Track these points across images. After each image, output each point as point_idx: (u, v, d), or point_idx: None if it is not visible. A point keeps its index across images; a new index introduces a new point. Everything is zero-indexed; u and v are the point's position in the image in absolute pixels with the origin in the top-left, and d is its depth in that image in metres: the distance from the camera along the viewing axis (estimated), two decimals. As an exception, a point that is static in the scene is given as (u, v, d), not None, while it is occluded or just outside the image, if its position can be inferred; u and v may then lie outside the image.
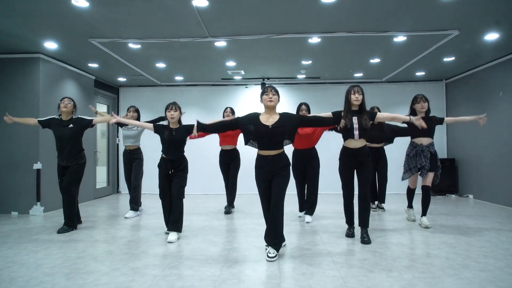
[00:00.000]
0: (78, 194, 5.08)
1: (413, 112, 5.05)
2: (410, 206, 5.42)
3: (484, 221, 5.37)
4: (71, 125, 4.92)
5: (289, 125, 3.67)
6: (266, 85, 3.85)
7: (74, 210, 4.96)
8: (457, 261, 3.49)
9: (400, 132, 5.84)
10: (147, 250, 4.00)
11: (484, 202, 7.25)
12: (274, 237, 3.65)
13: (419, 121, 4.30)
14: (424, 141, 4.93)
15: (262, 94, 3.76)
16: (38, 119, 5.09)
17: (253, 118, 3.71)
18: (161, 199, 4.55)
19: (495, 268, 3.30)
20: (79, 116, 5.06)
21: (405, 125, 5.03)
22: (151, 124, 4.55)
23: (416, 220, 5.33)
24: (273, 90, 3.73)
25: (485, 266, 3.35)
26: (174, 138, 4.39)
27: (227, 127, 3.98)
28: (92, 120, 5.04)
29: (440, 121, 5.03)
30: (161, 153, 4.54)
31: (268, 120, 3.67)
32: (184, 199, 4.51)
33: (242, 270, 3.33)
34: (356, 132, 4.23)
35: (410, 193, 5.34)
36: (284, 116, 3.72)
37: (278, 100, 3.75)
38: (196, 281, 3.03)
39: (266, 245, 3.92)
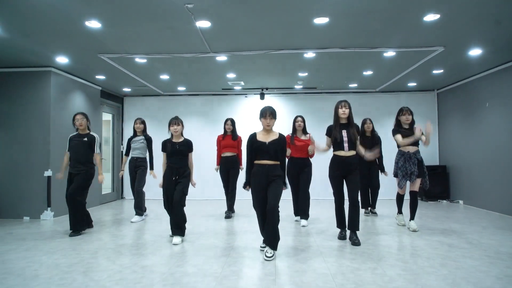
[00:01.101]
0: (84, 201, 5.38)
1: (398, 123, 5.42)
2: (400, 212, 5.76)
3: (469, 225, 5.71)
4: (85, 138, 5.33)
5: (281, 145, 4.17)
6: (264, 107, 4.25)
7: (79, 217, 5.24)
8: (437, 261, 3.83)
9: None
10: (154, 251, 4.34)
11: (473, 208, 7.59)
12: (271, 238, 4.01)
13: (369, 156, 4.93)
14: (410, 149, 5.29)
15: (260, 116, 4.21)
16: (66, 151, 5.46)
17: (253, 139, 4.18)
18: (166, 208, 4.89)
19: (470, 266, 3.64)
20: (95, 136, 5.44)
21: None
22: (164, 164, 4.95)
23: (406, 224, 5.68)
24: (270, 115, 4.17)
25: (461, 265, 3.70)
26: (177, 151, 4.79)
27: (251, 161, 4.26)
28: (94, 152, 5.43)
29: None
30: (166, 163, 4.91)
31: (266, 138, 4.16)
32: (185, 207, 4.85)
33: (241, 268, 3.68)
34: (345, 145, 4.64)
35: (400, 199, 5.69)
36: (280, 138, 4.19)
37: (275, 121, 4.23)
38: (200, 277, 3.38)
39: (261, 246, 4.28)
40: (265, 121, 4.16)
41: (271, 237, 4.02)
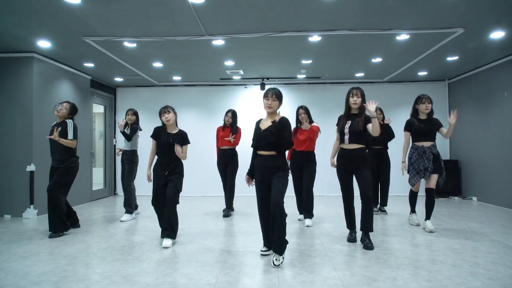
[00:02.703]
0: (64, 199, 4.87)
1: (415, 112, 4.92)
2: (413, 211, 5.25)
3: (489, 225, 5.21)
4: (59, 127, 4.78)
5: (280, 131, 3.54)
6: (268, 88, 3.73)
7: (58, 215, 4.72)
8: (465, 269, 3.33)
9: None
10: (141, 255, 3.84)
11: (487, 205, 7.10)
12: (276, 241, 3.49)
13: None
14: (425, 143, 4.80)
15: (263, 97, 3.69)
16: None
17: (256, 126, 3.76)
18: (154, 205, 4.41)
19: (505, 276, 3.14)
20: (66, 121, 4.87)
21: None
22: (153, 152, 4.46)
23: (420, 224, 5.17)
24: (273, 95, 3.63)
25: (494, 274, 3.19)
26: (171, 144, 4.27)
27: (254, 150, 3.79)
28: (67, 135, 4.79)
29: (438, 128, 4.89)
30: (157, 156, 4.41)
31: (264, 124, 3.69)
32: (178, 204, 4.35)
33: (239, 278, 3.17)
34: (346, 137, 4.16)
35: (413, 197, 5.17)
36: (279, 121, 3.56)
37: (280, 105, 3.70)
38: (190, 291, 2.88)
39: (262, 250, 3.78)
40: (267, 102, 3.64)
41: (276, 241, 3.50)
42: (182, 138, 4.40)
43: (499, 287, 2.89)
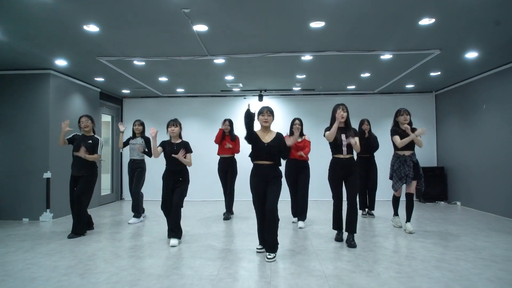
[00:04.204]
0: (88, 204, 5.45)
1: (396, 124, 5.47)
2: (396, 214, 5.81)
3: (465, 227, 5.75)
4: (90, 141, 5.38)
5: (280, 145, 4.18)
6: (263, 106, 4.36)
7: (82, 218, 5.32)
8: (431, 263, 3.87)
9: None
10: (151, 253, 4.38)
11: (470, 209, 7.62)
12: (270, 241, 4.06)
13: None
14: (406, 152, 5.34)
15: (258, 114, 4.28)
16: (66, 139, 5.42)
17: (255, 138, 4.23)
18: (163, 209, 4.92)
19: (463, 269, 3.68)
20: (98, 138, 5.48)
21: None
22: (160, 148, 4.95)
23: (402, 226, 5.71)
24: (268, 112, 4.24)
25: (455, 267, 3.74)
26: (175, 152, 4.81)
27: (250, 132, 4.19)
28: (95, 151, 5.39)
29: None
30: (165, 165, 4.95)
31: (264, 137, 4.22)
32: (182, 208, 4.90)
33: (237, 270, 3.72)
34: (344, 149, 4.71)
35: (396, 201, 5.73)
36: (278, 137, 4.24)
37: (273, 120, 4.30)
38: (196, 280, 3.42)
39: (258, 248, 4.33)
40: (263, 118, 4.24)
41: (270, 241, 4.07)
42: (185, 147, 4.95)
43: (456, 278, 3.43)
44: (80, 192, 5.28)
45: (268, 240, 4.09)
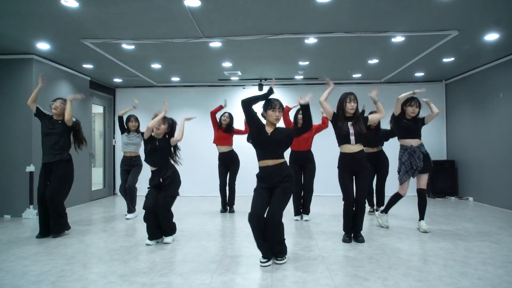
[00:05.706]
0: (65, 198, 4.89)
1: (402, 112, 4.97)
2: (386, 211, 5.18)
3: (483, 225, 5.26)
4: (60, 121, 4.83)
5: (286, 134, 3.64)
6: (273, 98, 3.68)
7: (62, 216, 4.76)
8: (455, 269, 3.39)
9: (393, 134, 5.77)
10: (137, 256, 3.90)
11: (484, 205, 7.15)
12: (277, 249, 3.57)
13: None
14: (413, 142, 4.84)
15: (267, 107, 3.63)
16: (38, 105, 4.91)
17: (261, 124, 3.64)
18: (144, 208, 4.34)
19: (494, 276, 3.20)
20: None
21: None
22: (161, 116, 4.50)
23: (389, 226, 5.16)
24: (280, 108, 3.62)
25: (484, 274, 3.25)
26: (157, 147, 4.38)
27: (250, 111, 3.63)
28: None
29: (422, 121, 4.98)
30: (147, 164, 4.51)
31: (269, 130, 3.65)
32: (177, 203, 4.43)
33: (233, 278, 3.23)
34: (352, 138, 4.25)
35: (396, 199, 5.05)
36: (284, 128, 3.77)
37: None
38: (185, 290, 2.94)
39: (261, 262, 3.61)
40: (274, 114, 3.59)
41: (276, 249, 3.57)
42: (168, 142, 4.48)
43: (487, 287, 2.95)
44: (52, 193, 4.65)
45: (274, 248, 3.57)
